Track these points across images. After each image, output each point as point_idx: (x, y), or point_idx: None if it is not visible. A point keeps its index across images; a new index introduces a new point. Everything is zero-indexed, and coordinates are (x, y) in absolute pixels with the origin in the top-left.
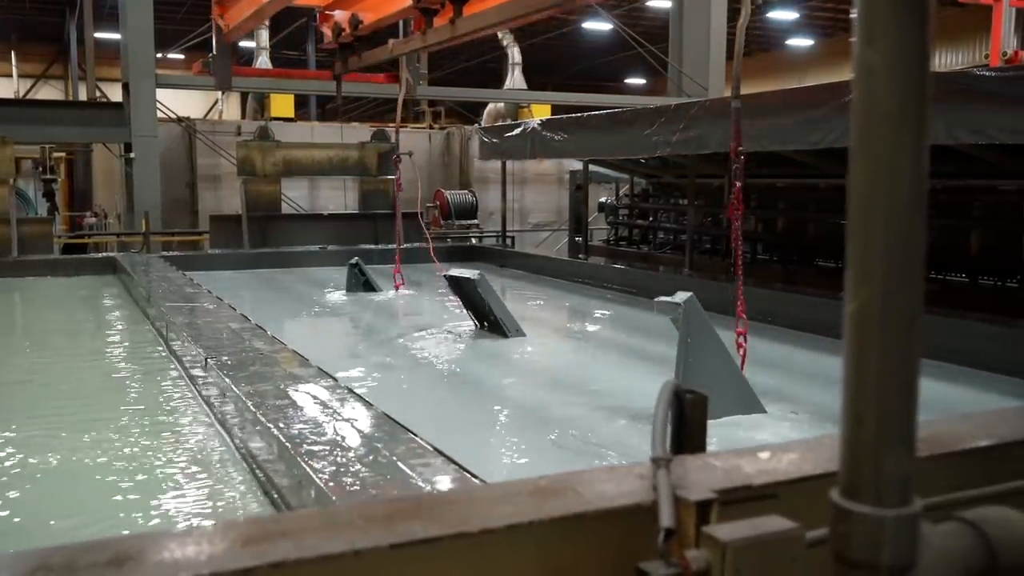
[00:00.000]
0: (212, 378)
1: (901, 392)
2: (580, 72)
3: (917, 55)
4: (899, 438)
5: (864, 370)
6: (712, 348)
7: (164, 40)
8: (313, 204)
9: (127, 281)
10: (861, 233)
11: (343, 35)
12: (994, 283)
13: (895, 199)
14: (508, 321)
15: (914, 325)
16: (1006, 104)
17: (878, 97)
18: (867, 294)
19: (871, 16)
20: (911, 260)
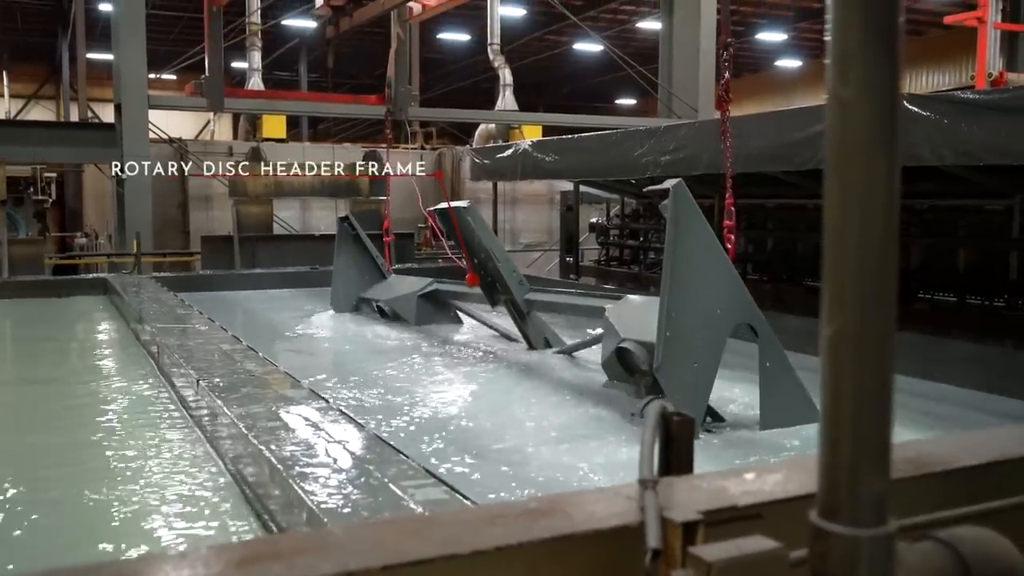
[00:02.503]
0: (203, 400)
1: (876, 414)
2: (571, 93)
3: (887, 90)
4: (874, 459)
5: (840, 393)
6: (701, 239)
7: (157, 61)
8: (305, 224)
9: (118, 302)
10: (836, 260)
11: None
12: (981, 302)
13: (868, 228)
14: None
15: (887, 349)
16: (991, 125)
17: (851, 130)
18: (842, 319)
19: (843, 54)
20: (884, 286)
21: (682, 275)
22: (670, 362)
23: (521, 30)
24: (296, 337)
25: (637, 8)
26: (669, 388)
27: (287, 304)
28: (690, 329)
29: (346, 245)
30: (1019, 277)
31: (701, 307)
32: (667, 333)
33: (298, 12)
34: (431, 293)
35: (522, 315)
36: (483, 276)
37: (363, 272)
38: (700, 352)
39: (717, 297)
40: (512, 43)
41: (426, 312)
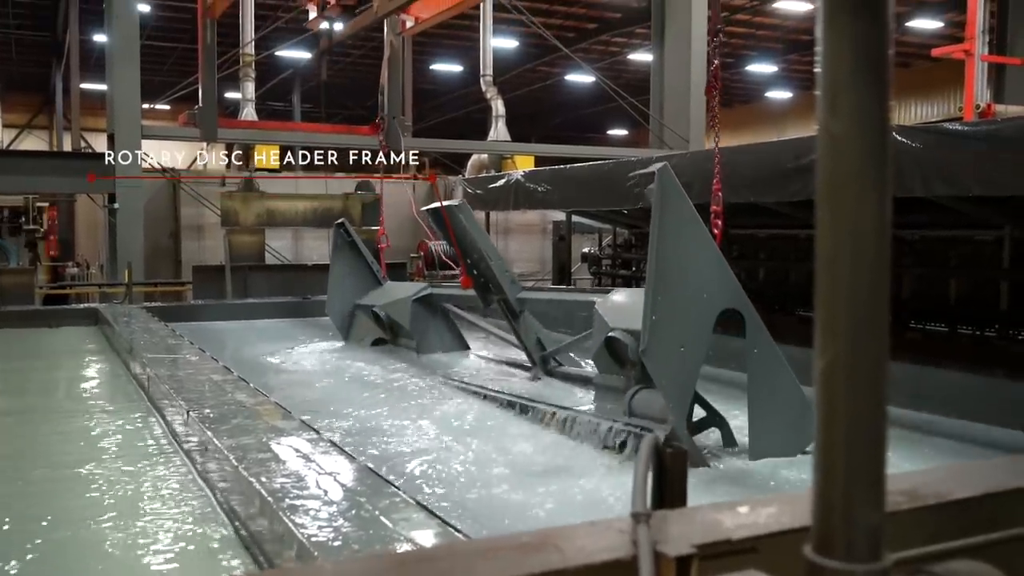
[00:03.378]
0: (193, 431)
1: (869, 447)
2: (563, 124)
3: (878, 122)
4: (869, 491)
5: (833, 426)
6: (687, 224)
7: (150, 91)
8: (297, 254)
9: (109, 332)
10: (828, 291)
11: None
12: (972, 332)
13: (860, 258)
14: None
15: (881, 380)
16: (979, 156)
17: (841, 163)
18: (835, 350)
19: (833, 86)
20: (876, 316)
21: (668, 259)
22: (656, 346)
23: (513, 61)
24: (283, 370)
25: (628, 40)
26: (656, 372)
27: (279, 334)
28: (676, 313)
29: (341, 252)
30: (1010, 307)
31: (687, 291)
32: (653, 317)
33: (292, 43)
34: (425, 297)
35: (515, 314)
36: (476, 277)
37: (358, 279)
38: (687, 337)
39: (704, 282)
40: (505, 74)
41: (420, 316)
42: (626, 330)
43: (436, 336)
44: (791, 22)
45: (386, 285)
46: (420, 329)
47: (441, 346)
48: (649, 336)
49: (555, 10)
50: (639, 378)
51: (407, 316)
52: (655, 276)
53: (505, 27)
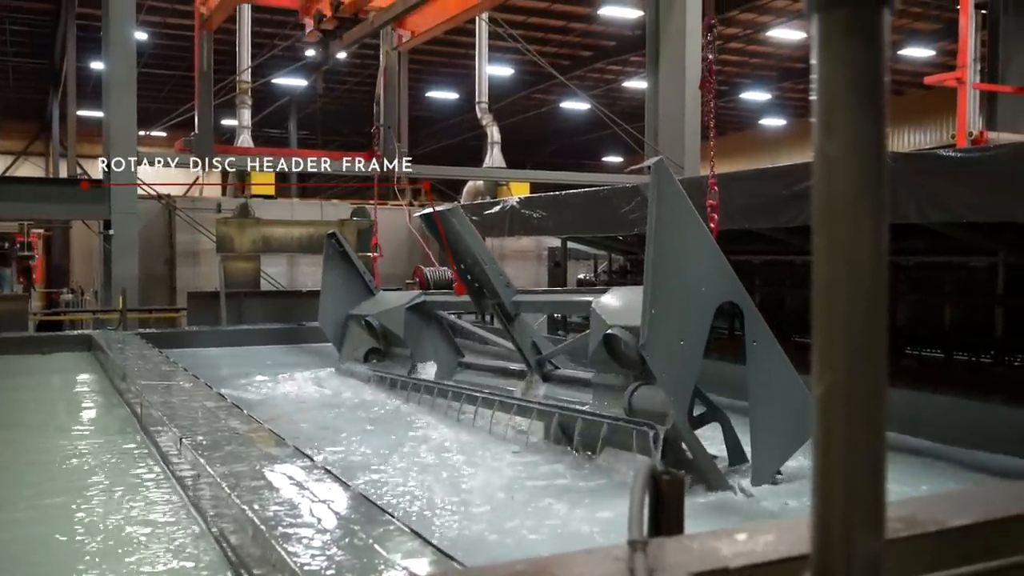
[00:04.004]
0: (186, 458)
1: (868, 473)
2: (558, 150)
3: (874, 145)
4: (868, 519)
5: (831, 452)
6: (684, 218)
7: (147, 118)
8: (292, 280)
9: (102, 359)
10: (825, 318)
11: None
12: (968, 358)
13: (857, 284)
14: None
15: (879, 407)
16: (973, 183)
17: (837, 186)
18: (832, 377)
19: (829, 109)
20: (874, 342)
21: (665, 253)
22: (656, 340)
23: (509, 89)
24: (268, 400)
25: (623, 68)
26: (656, 366)
27: (272, 360)
28: (675, 307)
29: (333, 262)
30: (1005, 333)
31: (685, 285)
32: (652, 311)
33: (288, 71)
34: (419, 305)
35: (510, 318)
36: (470, 282)
37: (351, 289)
38: (686, 330)
39: (701, 275)
40: (500, 101)
41: (414, 325)
42: (624, 327)
43: (430, 344)
44: (784, 50)
45: (379, 295)
46: (414, 338)
47: (435, 354)
48: (649, 330)
49: (550, 38)
50: (638, 375)
51: (401, 325)
52: (653, 270)
53: (500, 55)
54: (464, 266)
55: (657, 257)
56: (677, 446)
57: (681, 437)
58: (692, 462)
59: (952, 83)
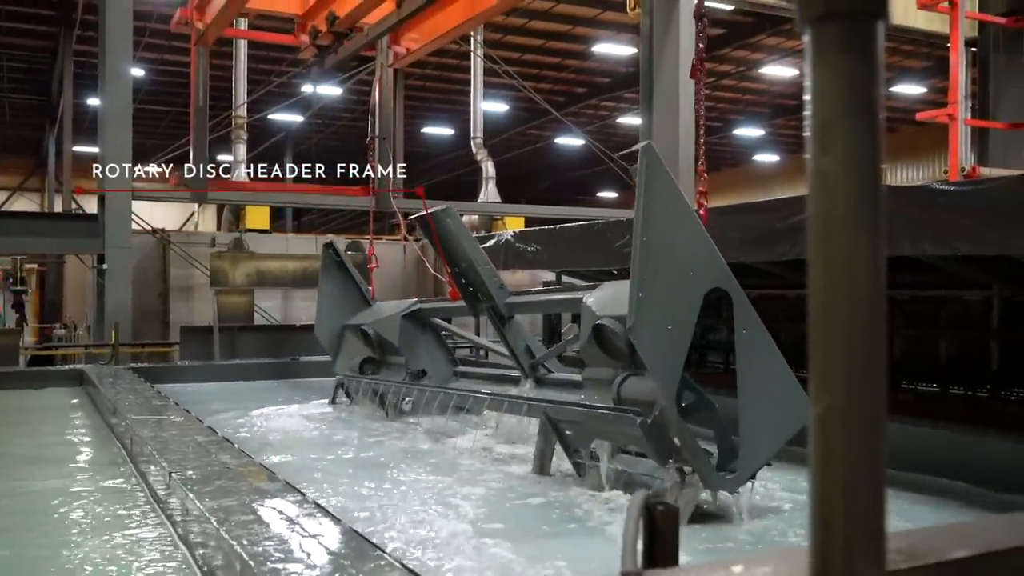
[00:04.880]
0: (175, 493)
1: (868, 498)
2: (553, 186)
3: (869, 159)
4: (868, 548)
5: (830, 477)
6: (673, 202)
7: (143, 154)
8: (286, 315)
9: (93, 393)
10: (822, 338)
11: (321, 36)
12: (964, 392)
13: (854, 303)
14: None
15: (879, 429)
16: (966, 216)
17: (833, 202)
18: (829, 399)
19: (822, 123)
20: (873, 363)
21: (653, 237)
22: (643, 323)
23: (504, 124)
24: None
25: (617, 104)
26: (643, 350)
27: (266, 396)
28: (663, 291)
29: (330, 272)
30: (1001, 367)
31: (674, 269)
32: (639, 295)
33: (283, 106)
34: (414, 313)
35: (503, 321)
36: (464, 286)
37: (347, 299)
38: (674, 316)
39: (690, 260)
40: (495, 137)
41: (409, 333)
42: (613, 316)
43: (425, 352)
44: (777, 87)
45: (375, 305)
46: (409, 346)
47: (430, 362)
48: (636, 314)
49: (545, 75)
50: (627, 367)
51: (396, 333)
52: (640, 254)
53: (496, 91)
54: (458, 269)
55: (645, 241)
56: (665, 435)
57: (669, 424)
58: (681, 451)
59: (944, 119)
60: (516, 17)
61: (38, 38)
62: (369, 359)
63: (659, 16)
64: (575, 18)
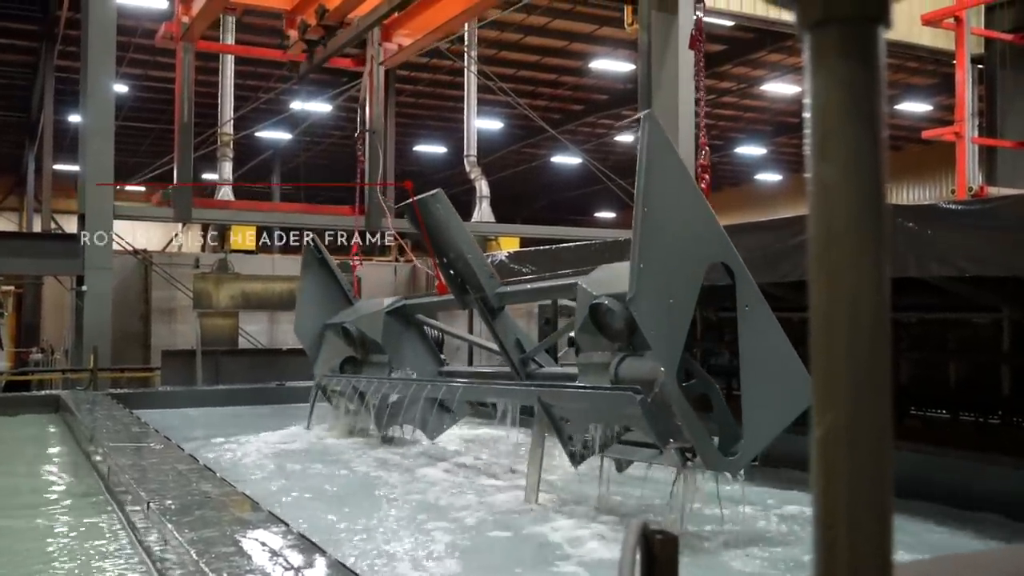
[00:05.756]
0: (153, 524)
1: (875, 518)
2: (549, 205)
3: (872, 167)
4: (875, 568)
5: (834, 498)
6: (674, 173)
7: (125, 172)
8: (272, 338)
9: (70, 420)
10: (824, 354)
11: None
12: (975, 418)
13: (857, 316)
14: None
15: (884, 447)
16: (974, 236)
17: (835, 213)
18: (832, 418)
19: (823, 132)
20: (877, 379)
21: (655, 208)
22: (644, 295)
23: (498, 143)
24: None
25: (615, 122)
26: (644, 323)
27: (250, 422)
28: (664, 263)
29: (311, 270)
30: (1012, 392)
31: (675, 241)
32: (640, 265)
33: (271, 123)
34: (399, 309)
35: (493, 313)
36: (452, 277)
37: (329, 298)
38: (675, 289)
39: (691, 232)
40: (489, 155)
41: (393, 330)
42: (610, 295)
43: (410, 350)
44: (779, 104)
45: (357, 304)
46: (393, 344)
47: (415, 361)
48: (637, 285)
49: (541, 92)
50: (625, 347)
51: (379, 330)
52: (642, 225)
53: (490, 108)
54: (447, 260)
55: (646, 212)
56: (667, 413)
57: (671, 402)
58: (682, 431)
59: (950, 137)
60: (511, 32)
61: (18, 53)
62: (350, 359)
63: (657, 32)
64: (571, 34)
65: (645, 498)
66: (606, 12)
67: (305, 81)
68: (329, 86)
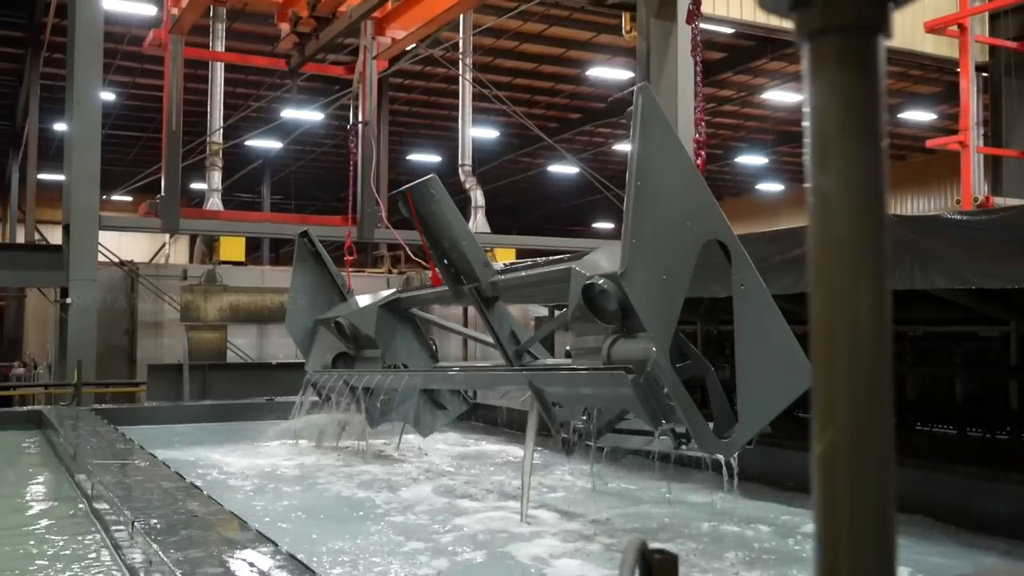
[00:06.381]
0: (137, 544)
1: (877, 536)
2: (546, 216)
3: (872, 178)
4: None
5: (836, 516)
6: (669, 147)
7: (111, 182)
8: (262, 352)
9: (53, 437)
10: (824, 367)
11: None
12: (983, 435)
13: (858, 328)
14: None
15: (886, 463)
16: (980, 248)
17: (834, 223)
18: (833, 433)
19: (822, 141)
20: (878, 392)
21: (649, 181)
22: (637, 269)
23: (494, 152)
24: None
25: (613, 131)
26: (636, 299)
27: (239, 438)
28: (658, 238)
29: (305, 264)
30: (1020, 408)
31: (669, 216)
32: (632, 240)
33: (261, 132)
34: (393, 303)
35: (488, 303)
36: (446, 267)
37: (322, 293)
38: (669, 265)
39: (686, 208)
40: (484, 164)
41: (387, 324)
42: (604, 275)
43: (403, 345)
44: (780, 113)
45: (351, 298)
46: (386, 338)
47: (408, 356)
48: (629, 259)
49: (537, 100)
50: (618, 329)
51: (372, 324)
52: (635, 199)
53: (485, 116)
54: (441, 250)
55: (639, 186)
56: (658, 394)
57: (663, 382)
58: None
59: (955, 147)
60: (507, 40)
61: (3, 60)
62: (343, 355)
63: (656, 39)
64: (568, 41)
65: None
66: (604, 19)
67: (296, 90)
68: (320, 94)
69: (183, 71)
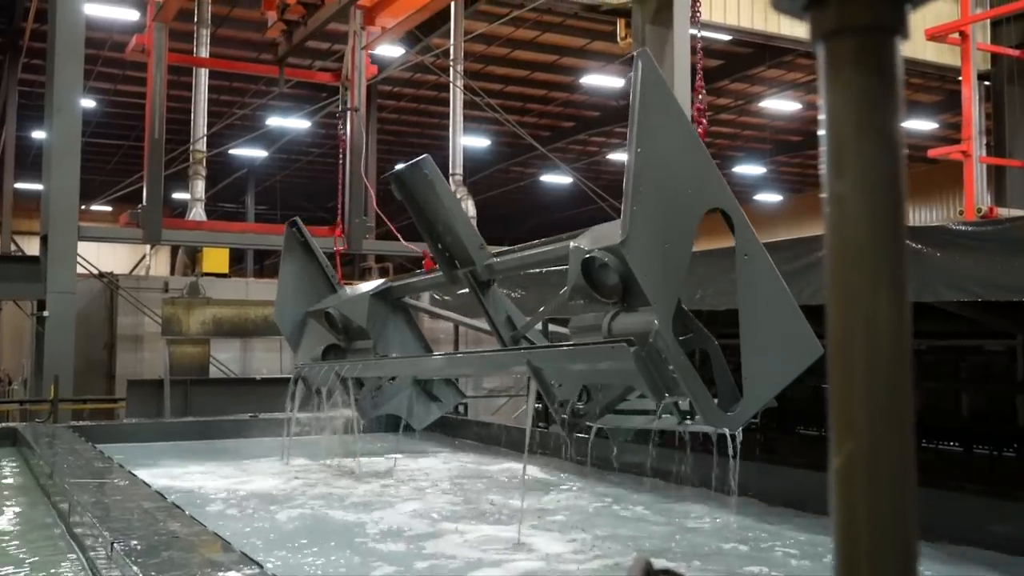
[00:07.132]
0: (118, 566)
1: (899, 553)
2: (539, 226)
3: (889, 183)
4: None
5: (855, 532)
6: (670, 113)
7: (91, 191)
8: (245, 367)
9: (27, 454)
10: (841, 378)
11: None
12: (990, 452)
13: (876, 337)
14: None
15: (907, 476)
16: (985, 259)
17: (850, 230)
18: (852, 446)
19: (837, 145)
20: (898, 403)
21: (649, 148)
22: (638, 237)
23: (486, 161)
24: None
25: (607, 140)
26: (638, 267)
27: (222, 456)
28: (659, 206)
29: (294, 254)
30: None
31: (670, 184)
32: (634, 207)
33: (246, 140)
34: (384, 292)
35: (484, 287)
36: (440, 251)
37: (311, 284)
38: (670, 233)
39: (687, 176)
40: (476, 174)
41: (379, 314)
42: (603, 248)
43: (396, 335)
44: (778, 122)
45: (342, 290)
46: (378, 328)
47: (401, 346)
48: (630, 226)
49: (530, 108)
50: (618, 304)
51: (364, 314)
52: (635, 166)
53: (476, 125)
54: (435, 233)
55: (639, 152)
56: (660, 366)
57: (666, 352)
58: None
59: (958, 156)
60: (498, 47)
61: None
62: (333, 347)
63: (651, 45)
64: (561, 48)
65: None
66: (598, 26)
67: (283, 84)
68: (307, 102)
69: (167, 69)
